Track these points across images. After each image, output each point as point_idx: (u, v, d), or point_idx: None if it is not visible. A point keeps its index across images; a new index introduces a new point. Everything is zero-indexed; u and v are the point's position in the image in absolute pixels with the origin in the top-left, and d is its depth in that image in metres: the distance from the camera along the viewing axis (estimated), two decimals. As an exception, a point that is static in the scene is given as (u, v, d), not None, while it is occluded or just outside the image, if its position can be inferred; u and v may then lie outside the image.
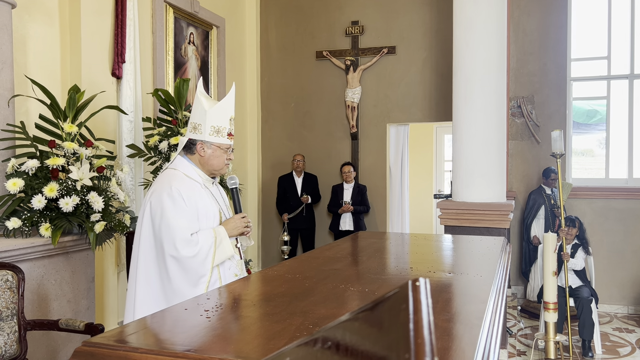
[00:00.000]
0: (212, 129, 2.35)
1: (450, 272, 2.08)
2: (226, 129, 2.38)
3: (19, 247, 2.89)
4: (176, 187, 2.25)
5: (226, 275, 2.34)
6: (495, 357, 1.28)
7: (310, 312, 1.42)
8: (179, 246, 2.18)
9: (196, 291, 2.17)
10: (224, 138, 2.38)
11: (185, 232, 2.20)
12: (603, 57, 6.19)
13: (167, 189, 2.24)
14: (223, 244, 2.29)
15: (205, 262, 2.22)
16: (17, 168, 3.12)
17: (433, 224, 9.45)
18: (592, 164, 6.63)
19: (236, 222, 2.39)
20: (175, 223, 2.19)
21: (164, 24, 5.29)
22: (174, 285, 2.19)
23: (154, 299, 2.21)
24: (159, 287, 2.22)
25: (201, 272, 2.22)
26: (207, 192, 2.39)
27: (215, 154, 2.37)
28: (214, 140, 2.36)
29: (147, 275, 2.23)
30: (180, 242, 2.18)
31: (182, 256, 2.18)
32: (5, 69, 3.22)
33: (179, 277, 2.19)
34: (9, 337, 2.57)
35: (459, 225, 4.58)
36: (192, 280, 2.20)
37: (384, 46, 6.67)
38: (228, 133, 2.39)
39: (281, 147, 7.13)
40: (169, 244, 2.18)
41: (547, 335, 4.01)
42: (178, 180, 2.29)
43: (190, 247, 2.19)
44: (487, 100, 4.58)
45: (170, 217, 2.20)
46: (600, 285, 5.75)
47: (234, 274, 2.37)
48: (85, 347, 1.19)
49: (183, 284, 2.19)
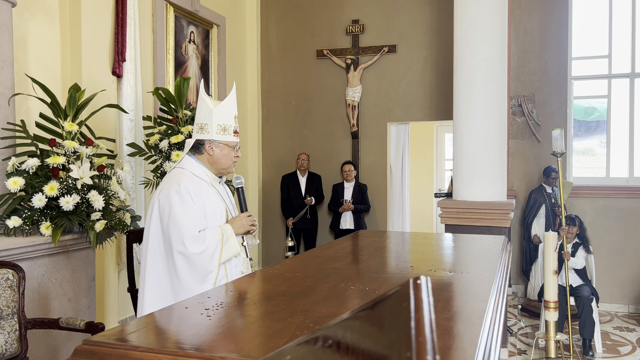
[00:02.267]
0: (218, 127, 2.39)
1: (451, 270, 2.08)
2: (232, 126, 2.42)
3: (20, 245, 2.89)
4: (184, 185, 2.29)
5: (233, 272, 2.36)
6: (496, 355, 1.28)
7: (310, 310, 1.42)
8: (187, 243, 2.20)
9: (204, 287, 2.20)
10: (231, 136, 2.42)
11: (193, 229, 2.22)
12: (604, 56, 6.18)
13: (175, 187, 2.28)
14: (230, 242, 2.31)
15: (213, 258, 2.25)
16: (17, 167, 3.11)
17: (433, 222, 9.45)
18: (592, 163, 6.63)
19: (242, 221, 2.42)
20: (183, 220, 2.22)
21: (165, 22, 5.28)
22: (182, 281, 2.22)
23: (162, 296, 2.24)
24: (167, 283, 2.25)
25: (209, 269, 2.24)
26: (214, 190, 2.42)
27: (223, 152, 2.41)
28: (221, 139, 2.40)
29: (156, 272, 2.27)
30: (188, 238, 2.21)
31: (190, 252, 2.20)
32: (6, 67, 3.21)
33: (187, 273, 2.22)
34: (9, 336, 2.57)
35: (460, 224, 4.58)
36: (200, 277, 2.23)
37: (384, 45, 6.66)
38: (234, 131, 2.43)
39: (282, 146, 7.13)
40: (177, 241, 2.21)
41: (548, 334, 4.01)
42: (186, 179, 2.33)
43: (197, 243, 2.21)
44: (487, 99, 4.57)
45: (178, 214, 2.23)
46: (600, 284, 5.74)
47: (240, 271, 2.40)
48: (86, 345, 1.19)
49: (190, 280, 2.22)
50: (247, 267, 2.48)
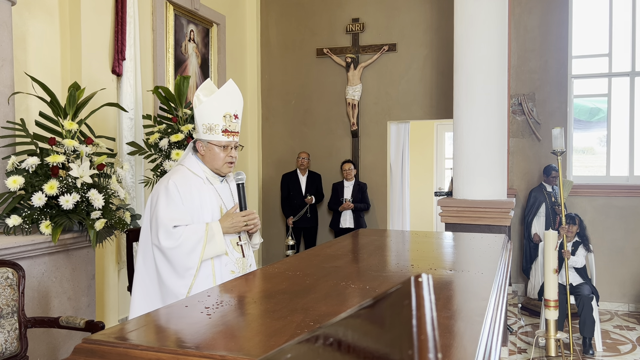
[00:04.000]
0: (203, 127, 2.36)
1: (451, 269, 2.08)
2: (219, 125, 2.34)
3: (20, 244, 2.89)
4: (173, 180, 2.30)
5: (222, 271, 2.34)
6: (497, 354, 1.28)
7: (311, 309, 1.42)
8: (161, 237, 2.22)
9: (183, 282, 2.23)
10: (219, 135, 2.35)
11: (168, 224, 2.23)
12: (604, 55, 6.18)
13: (164, 182, 2.31)
14: (215, 240, 2.28)
15: (192, 255, 2.24)
16: (17, 165, 3.11)
17: (434, 221, 9.45)
18: (593, 162, 6.63)
19: (234, 219, 2.36)
20: (162, 214, 2.24)
21: (164, 21, 5.28)
22: (161, 275, 2.25)
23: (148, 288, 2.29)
24: (154, 275, 2.29)
25: (187, 265, 2.24)
26: (210, 187, 2.40)
27: (212, 152, 2.37)
28: (207, 138, 2.37)
29: (145, 264, 2.31)
30: (163, 233, 2.22)
31: (163, 247, 2.22)
32: (5, 66, 3.21)
33: (165, 267, 2.25)
34: (9, 335, 2.57)
35: (460, 223, 4.58)
36: (177, 272, 2.24)
37: (384, 43, 6.65)
38: (223, 130, 2.35)
39: (282, 145, 7.12)
40: (154, 234, 2.25)
41: (548, 332, 4.01)
42: (178, 174, 2.34)
43: (170, 239, 2.22)
44: (488, 97, 4.57)
45: (160, 208, 2.25)
46: (601, 283, 5.74)
47: (231, 270, 2.36)
48: (86, 344, 1.18)
49: (168, 274, 2.24)
50: (243, 267, 2.43)
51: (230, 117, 2.37)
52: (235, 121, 2.39)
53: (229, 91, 2.39)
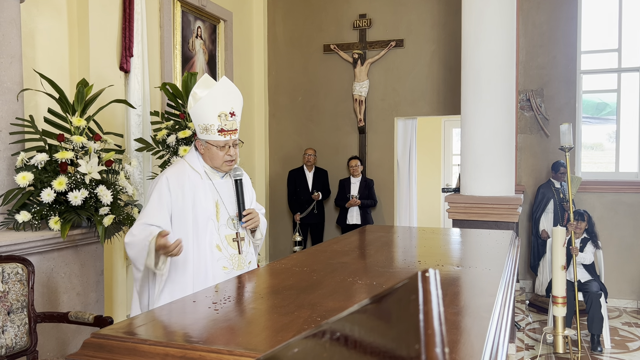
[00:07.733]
0: (199, 127, 2.37)
1: (458, 265, 2.08)
2: (214, 125, 2.32)
3: (29, 240, 2.91)
4: (166, 175, 2.36)
5: (214, 267, 2.35)
6: (504, 350, 1.28)
7: (318, 304, 1.42)
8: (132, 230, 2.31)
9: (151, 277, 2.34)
10: (215, 135, 2.33)
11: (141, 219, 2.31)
12: (613, 50, 6.12)
13: (159, 177, 2.40)
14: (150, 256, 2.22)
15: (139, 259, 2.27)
16: (26, 162, 3.13)
17: (441, 217, 9.42)
18: (601, 158, 6.57)
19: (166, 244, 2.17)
20: (144, 210, 2.35)
21: (172, 17, 5.28)
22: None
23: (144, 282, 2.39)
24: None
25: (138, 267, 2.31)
26: (208, 183, 2.41)
27: (210, 151, 2.38)
28: (205, 138, 2.38)
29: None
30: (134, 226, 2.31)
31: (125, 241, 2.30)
32: (14, 63, 3.23)
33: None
34: (19, 329, 2.60)
35: (467, 219, 4.56)
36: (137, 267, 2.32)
37: (392, 39, 6.63)
38: (219, 130, 2.32)
39: (289, 141, 7.12)
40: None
41: (556, 329, 3.99)
42: (174, 169, 2.41)
43: (129, 235, 2.30)
44: (495, 93, 4.54)
45: (147, 202, 2.37)
46: (609, 280, 5.71)
47: (223, 266, 2.36)
48: (95, 339, 1.19)
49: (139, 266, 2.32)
50: (237, 264, 2.39)
51: (225, 116, 2.34)
52: (232, 119, 2.35)
53: (223, 90, 2.36)
